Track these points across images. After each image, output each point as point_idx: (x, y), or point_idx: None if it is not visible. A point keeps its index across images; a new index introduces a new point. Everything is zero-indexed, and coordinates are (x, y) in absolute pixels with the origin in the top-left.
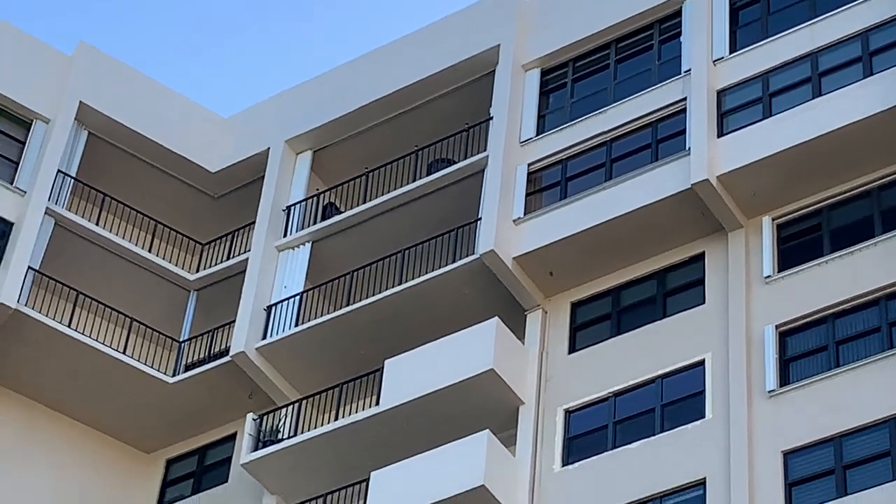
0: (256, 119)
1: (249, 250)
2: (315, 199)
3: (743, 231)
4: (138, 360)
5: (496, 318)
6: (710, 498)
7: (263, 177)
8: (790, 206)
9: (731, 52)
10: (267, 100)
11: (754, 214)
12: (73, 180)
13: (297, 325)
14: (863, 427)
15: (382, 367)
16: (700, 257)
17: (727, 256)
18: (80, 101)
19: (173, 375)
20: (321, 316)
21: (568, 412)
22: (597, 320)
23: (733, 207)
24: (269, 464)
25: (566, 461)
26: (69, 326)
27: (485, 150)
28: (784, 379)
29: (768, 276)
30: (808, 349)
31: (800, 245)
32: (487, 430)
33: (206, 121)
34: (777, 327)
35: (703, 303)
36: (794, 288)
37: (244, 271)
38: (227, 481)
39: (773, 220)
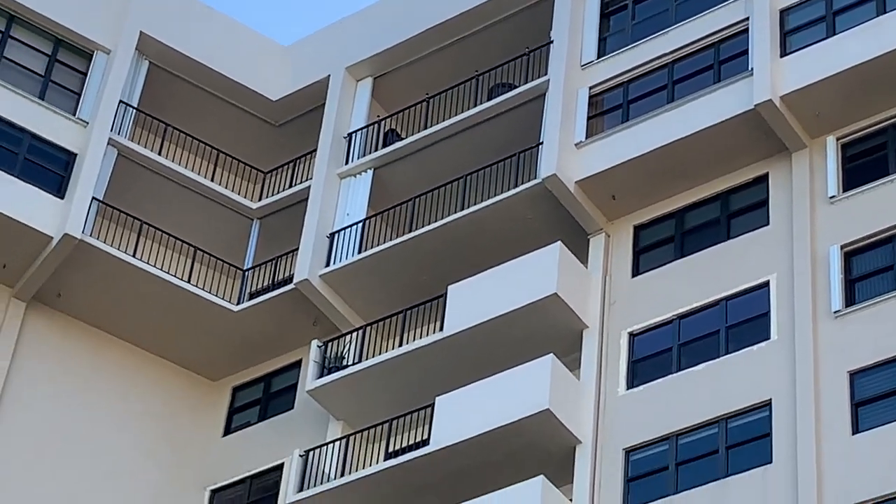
0: (317, 47)
1: (311, 178)
2: (376, 125)
3: (807, 151)
4: (203, 289)
5: (559, 242)
6: (776, 419)
7: (324, 104)
8: (855, 125)
9: None
10: (327, 27)
11: (818, 134)
12: (134, 111)
13: (359, 252)
14: None
15: (446, 293)
16: (764, 178)
17: (791, 177)
18: (141, 31)
19: (238, 303)
20: (384, 243)
21: (632, 335)
22: (660, 243)
23: (797, 127)
24: (333, 390)
25: (630, 384)
26: (134, 256)
27: (546, 74)
28: (849, 299)
29: (833, 196)
30: (873, 269)
31: (865, 164)
32: (552, 354)
33: (267, 49)
34: (842, 247)
35: (768, 224)
36: (859, 207)
37: (306, 199)
38: (292, 408)
39: (838, 139)
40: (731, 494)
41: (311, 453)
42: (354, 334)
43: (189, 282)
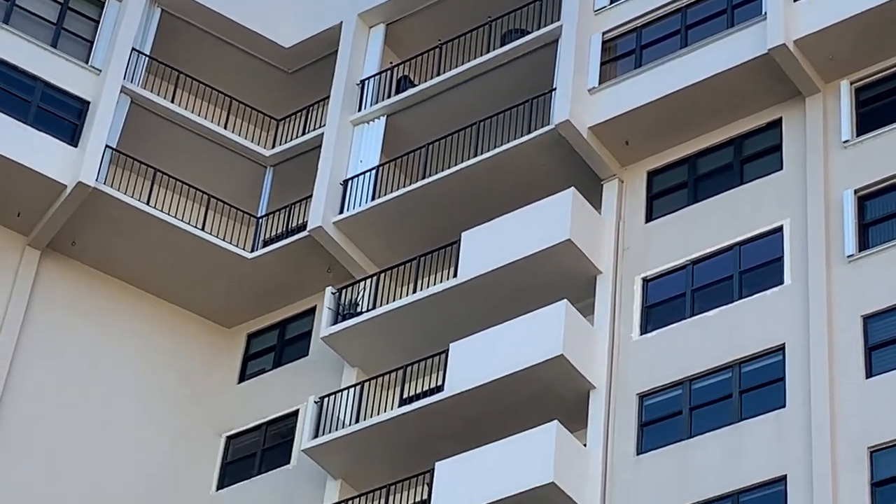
0: None
1: (324, 125)
2: (389, 72)
3: (821, 96)
4: (217, 237)
5: (572, 188)
6: (790, 363)
7: (337, 51)
8: (868, 69)
9: None
10: None
11: (832, 78)
12: (147, 58)
13: (373, 198)
14: None
15: (459, 240)
16: (777, 123)
17: (805, 121)
18: None
19: (252, 251)
20: (397, 189)
21: (645, 281)
22: (673, 188)
23: (811, 72)
24: (348, 337)
25: (644, 329)
26: (148, 204)
27: (559, 19)
28: (863, 243)
29: (847, 141)
30: (887, 213)
31: (878, 109)
32: (565, 300)
33: None
34: (856, 192)
35: (781, 169)
36: (873, 152)
37: (320, 146)
38: (307, 355)
39: (852, 83)
40: (744, 439)
41: (326, 400)
42: (368, 281)
43: (203, 229)
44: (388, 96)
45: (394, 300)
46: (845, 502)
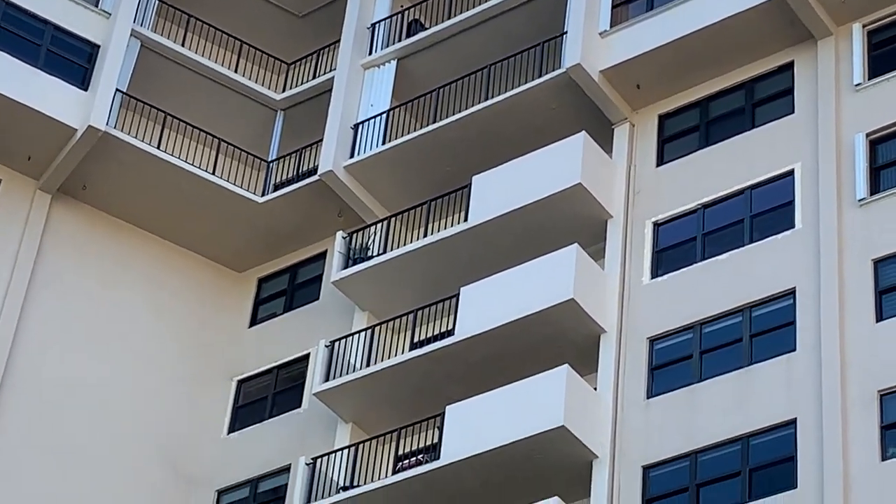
0: None
1: (335, 69)
2: (399, 15)
3: (832, 39)
4: (227, 181)
5: (583, 132)
6: (800, 307)
7: None
8: (880, 12)
9: None
10: None
11: (844, 21)
12: (157, 1)
13: (384, 143)
14: None
15: (470, 184)
16: (789, 66)
17: (816, 65)
18: None
19: (262, 195)
20: (408, 133)
21: (656, 225)
22: (685, 132)
23: (822, 15)
24: (359, 281)
25: (655, 274)
26: (158, 148)
27: None
28: (874, 187)
29: (858, 84)
30: None
31: (890, 52)
32: (576, 244)
33: None
34: (867, 135)
35: (793, 112)
36: (885, 95)
37: (330, 90)
38: (318, 299)
39: (864, 26)
40: (755, 382)
41: (337, 344)
42: (379, 225)
43: (213, 174)
44: (399, 40)
45: (404, 244)
46: (855, 445)
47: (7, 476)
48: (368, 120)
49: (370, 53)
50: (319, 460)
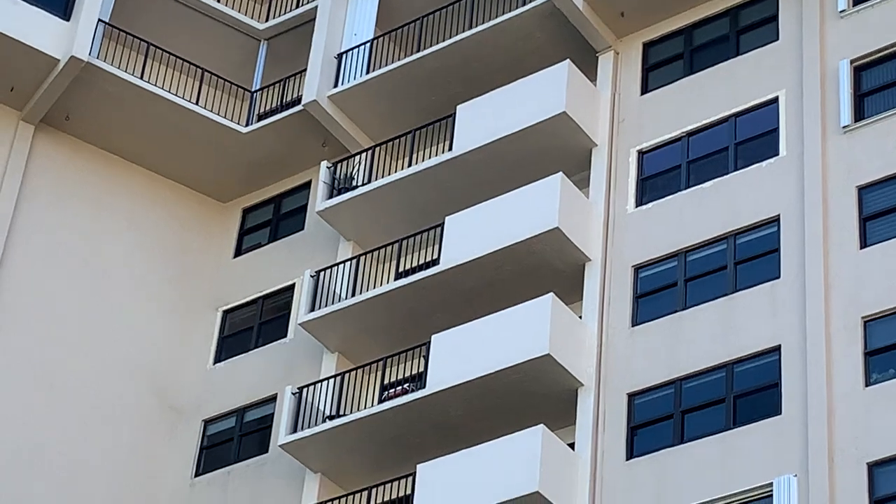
0: None
1: None
2: None
3: None
4: (211, 111)
5: (567, 60)
6: (784, 234)
7: None
8: None
9: None
10: None
11: None
12: None
13: (367, 72)
14: None
15: (455, 113)
16: None
17: None
18: None
19: (246, 125)
20: (392, 63)
21: (641, 153)
22: (669, 60)
23: None
24: (344, 211)
25: (639, 202)
26: (141, 78)
27: None
28: (859, 114)
29: (843, 11)
30: (883, 83)
31: None
32: (561, 172)
33: None
34: (852, 62)
35: (777, 39)
36: (870, 21)
37: (314, 20)
38: (303, 229)
39: None
40: (739, 309)
41: (322, 273)
42: (364, 155)
43: (197, 104)
44: None
45: (389, 174)
46: (839, 371)
47: None
48: (352, 49)
49: None
50: (305, 390)
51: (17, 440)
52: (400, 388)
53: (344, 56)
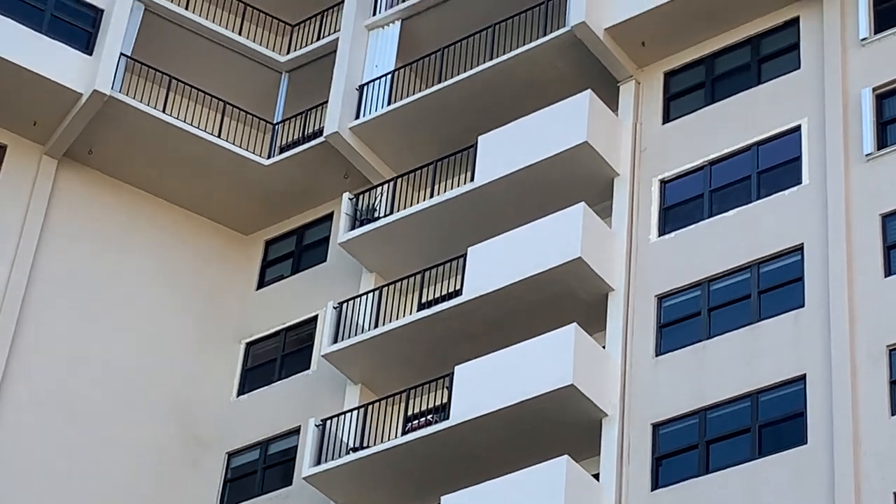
0: None
1: (339, 30)
2: None
3: None
4: (233, 144)
5: (589, 90)
6: (808, 263)
7: None
8: None
9: None
10: None
11: None
12: None
13: (389, 103)
14: None
15: (476, 144)
16: (794, 22)
17: (822, 19)
18: None
19: (268, 157)
20: (413, 94)
21: (663, 182)
22: (690, 89)
23: None
24: (366, 242)
25: (662, 231)
26: (164, 112)
27: None
28: (881, 142)
29: (864, 39)
30: None
31: None
32: (583, 202)
33: None
34: (874, 90)
35: (799, 67)
36: (891, 50)
37: (335, 52)
38: (325, 260)
39: None
40: (763, 338)
41: (345, 305)
42: (385, 186)
43: (219, 136)
44: (403, 0)
45: (411, 205)
46: (864, 400)
47: (19, 440)
48: (373, 81)
49: (374, 14)
50: (329, 422)
51: (43, 471)
52: (423, 419)
53: (365, 87)
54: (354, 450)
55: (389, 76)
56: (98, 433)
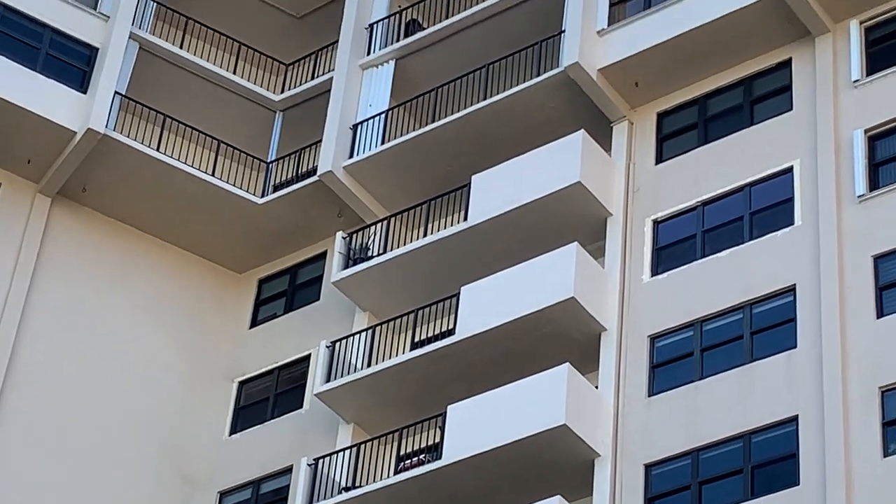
0: None
1: (333, 70)
2: (397, 15)
3: (830, 35)
4: (227, 182)
5: (582, 130)
6: (801, 304)
7: None
8: (877, 8)
9: None
10: None
11: (841, 18)
12: (155, 4)
13: (382, 143)
14: None
15: (469, 183)
16: (787, 63)
17: (814, 61)
18: None
19: (262, 196)
20: (407, 133)
21: (656, 222)
22: (683, 130)
23: (819, 11)
24: (359, 281)
25: (655, 271)
26: (158, 150)
27: None
28: (874, 183)
29: (856, 80)
30: None
31: (888, 48)
32: (576, 242)
33: None
34: (866, 131)
35: (791, 109)
36: (883, 91)
37: (329, 91)
38: (318, 299)
39: (861, 23)
40: (756, 379)
41: (338, 344)
42: (379, 225)
43: (213, 175)
44: (397, 40)
45: (404, 244)
46: (857, 442)
47: (10, 477)
48: (367, 120)
49: (368, 54)
50: (321, 461)
51: None
52: (416, 458)
53: (359, 127)
54: (347, 489)
55: (383, 115)
56: (89, 471)
